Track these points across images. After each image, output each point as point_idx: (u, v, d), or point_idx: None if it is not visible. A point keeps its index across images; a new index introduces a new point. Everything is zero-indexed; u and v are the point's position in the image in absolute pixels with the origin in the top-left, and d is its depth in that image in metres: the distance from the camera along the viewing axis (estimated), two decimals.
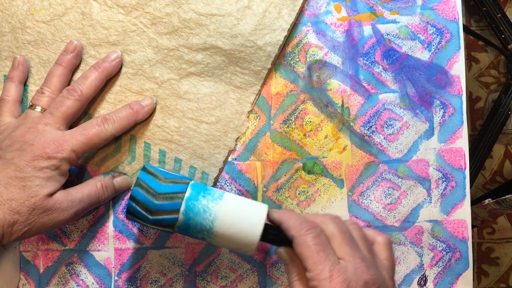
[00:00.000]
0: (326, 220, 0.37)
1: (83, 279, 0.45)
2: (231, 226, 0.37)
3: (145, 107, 0.44)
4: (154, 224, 0.38)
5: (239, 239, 0.37)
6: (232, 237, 0.38)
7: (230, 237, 0.38)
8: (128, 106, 0.43)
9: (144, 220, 0.38)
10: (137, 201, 0.38)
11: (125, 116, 0.43)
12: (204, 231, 0.38)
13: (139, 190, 0.38)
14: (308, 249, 0.35)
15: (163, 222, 0.38)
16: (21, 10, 0.45)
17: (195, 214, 0.38)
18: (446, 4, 0.46)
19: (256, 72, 0.45)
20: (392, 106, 0.46)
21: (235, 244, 0.38)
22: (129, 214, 0.39)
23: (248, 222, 0.38)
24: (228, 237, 0.38)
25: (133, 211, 0.38)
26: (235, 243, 0.38)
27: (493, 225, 1.12)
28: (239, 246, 0.38)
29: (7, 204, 0.37)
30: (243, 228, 0.37)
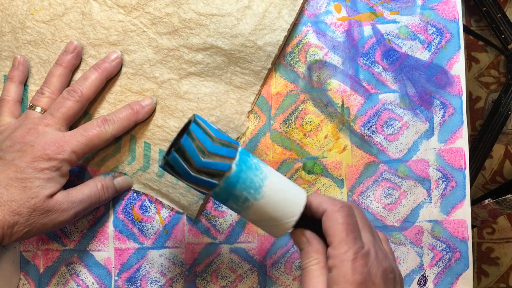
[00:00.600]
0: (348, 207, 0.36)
1: (83, 279, 0.45)
2: (279, 190, 0.35)
3: (145, 107, 0.44)
4: (201, 170, 0.34)
5: (284, 206, 0.35)
6: (278, 202, 0.35)
7: (276, 202, 0.35)
8: (128, 107, 0.43)
9: (192, 163, 0.34)
10: (194, 138, 0.34)
11: (125, 117, 0.43)
12: (252, 188, 0.35)
13: (197, 127, 0.35)
14: (338, 226, 0.34)
15: (214, 168, 0.34)
16: (21, 10, 0.45)
17: (248, 168, 0.35)
18: (446, 4, 0.46)
19: (256, 72, 0.45)
20: (392, 106, 0.46)
21: (278, 212, 0.35)
22: (178, 152, 0.34)
23: (294, 190, 0.36)
24: (273, 202, 0.35)
25: (187, 148, 0.34)
26: (278, 210, 0.35)
27: (493, 225, 1.12)
28: (281, 215, 0.36)
29: (7, 205, 0.37)
30: (289, 194, 0.36)
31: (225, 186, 0.35)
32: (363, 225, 0.36)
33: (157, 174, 0.45)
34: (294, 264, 0.45)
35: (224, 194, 0.35)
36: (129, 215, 0.45)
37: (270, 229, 0.37)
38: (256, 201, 0.35)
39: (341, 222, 0.34)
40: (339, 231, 0.34)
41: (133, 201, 0.45)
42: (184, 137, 0.34)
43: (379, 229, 0.45)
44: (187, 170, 0.34)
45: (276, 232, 0.37)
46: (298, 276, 0.45)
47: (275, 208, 0.35)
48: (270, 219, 0.36)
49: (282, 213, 0.35)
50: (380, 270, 0.34)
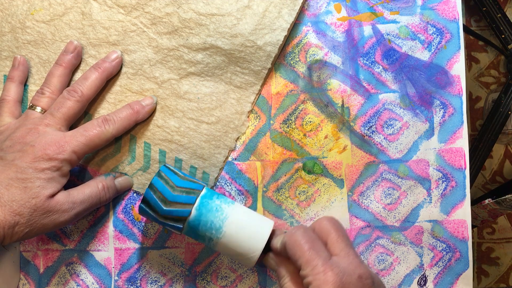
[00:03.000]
0: (321, 220, 0.38)
1: (83, 279, 0.45)
2: (240, 228, 0.39)
3: (146, 107, 0.44)
4: (166, 216, 0.39)
5: (246, 243, 0.38)
6: (239, 240, 0.38)
7: (237, 240, 0.38)
8: (128, 106, 0.43)
9: (157, 211, 0.39)
10: (155, 190, 0.39)
11: (126, 117, 0.43)
12: (213, 229, 0.39)
13: (158, 179, 0.40)
14: (299, 248, 0.36)
15: (175, 215, 0.39)
16: (21, 10, 0.45)
17: (208, 211, 0.39)
18: (446, 4, 0.46)
19: (256, 72, 0.45)
20: (392, 106, 0.46)
21: (240, 249, 0.39)
22: (144, 203, 0.39)
23: (257, 228, 0.39)
24: (235, 240, 0.38)
25: (149, 199, 0.39)
26: (240, 247, 0.39)
27: (493, 225, 1.12)
28: (244, 251, 0.39)
29: (8, 205, 0.37)
30: (251, 232, 0.39)
31: (188, 229, 0.39)
32: (338, 236, 0.37)
33: None
34: None
35: (191, 234, 0.40)
36: (129, 215, 0.45)
37: (241, 262, 0.40)
38: (219, 240, 0.39)
39: (298, 244, 0.36)
40: (300, 252, 0.35)
41: (133, 201, 0.45)
42: (146, 190, 0.39)
43: (379, 229, 0.45)
44: (155, 217, 0.40)
45: (247, 264, 0.40)
46: None
47: (239, 245, 0.39)
48: (236, 254, 0.39)
49: (246, 248, 0.39)
50: (354, 277, 0.35)
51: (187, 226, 0.39)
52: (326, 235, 0.37)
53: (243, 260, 0.39)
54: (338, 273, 0.34)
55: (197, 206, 0.39)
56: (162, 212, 0.39)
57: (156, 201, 0.39)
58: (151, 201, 0.39)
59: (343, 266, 0.35)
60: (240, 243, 0.39)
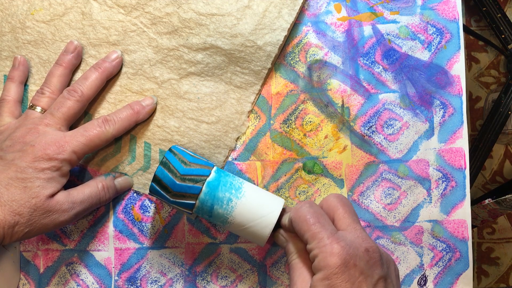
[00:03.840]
0: (328, 196, 0.38)
1: (83, 279, 0.45)
2: (252, 205, 0.39)
3: (146, 107, 0.44)
4: (177, 194, 0.39)
5: (257, 220, 0.39)
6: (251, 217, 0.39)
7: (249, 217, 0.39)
8: (128, 107, 0.43)
9: (169, 188, 0.39)
10: (175, 153, 0.40)
11: (126, 117, 0.43)
12: (224, 206, 0.39)
13: (171, 154, 0.40)
14: (304, 222, 0.36)
15: (187, 191, 0.39)
16: (21, 10, 0.45)
17: (220, 187, 0.39)
18: (446, 4, 0.46)
19: (256, 72, 0.45)
20: (392, 106, 0.46)
21: (252, 226, 0.39)
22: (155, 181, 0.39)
23: (268, 205, 0.39)
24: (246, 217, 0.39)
25: (161, 176, 0.39)
26: (252, 224, 0.39)
27: (493, 225, 1.12)
28: (255, 228, 0.39)
29: (8, 205, 0.37)
30: (263, 209, 0.39)
31: (200, 206, 0.39)
32: (345, 211, 0.37)
33: None
34: None
35: (203, 212, 0.39)
36: (129, 215, 0.45)
37: (252, 239, 0.40)
38: (231, 217, 0.39)
39: (304, 219, 0.36)
40: (306, 226, 0.36)
41: (133, 201, 0.45)
42: (158, 167, 0.39)
43: (379, 229, 0.45)
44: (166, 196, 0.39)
45: (258, 241, 0.40)
46: None
47: (250, 222, 0.39)
48: (248, 232, 0.39)
49: (257, 226, 0.39)
50: (361, 250, 0.35)
51: (199, 203, 0.39)
52: (333, 211, 0.37)
53: (255, 237, 0.39)
54: (344, 246, 0.34)
55: (210, 181, 0.39)
56: (174, 189, 0.39)
57: (168, 177, 0.39)
58: (163, 178, 0.39)
59: (349, 239, 0.35)
60: (252, 221, 0.39)
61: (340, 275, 0.33)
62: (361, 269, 0.34)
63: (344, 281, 0.33)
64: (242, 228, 0.39)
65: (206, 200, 0.39)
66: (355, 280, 0.34)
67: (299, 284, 0.36)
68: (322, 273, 0.34)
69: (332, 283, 0.33)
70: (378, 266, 0.35)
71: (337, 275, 0.33)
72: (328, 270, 0.33)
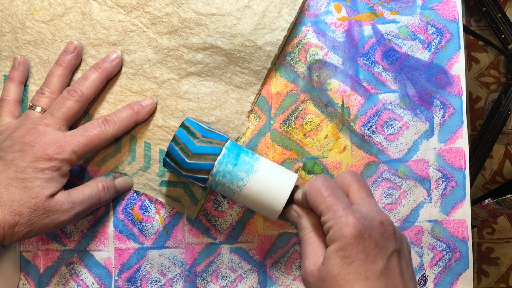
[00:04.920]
0: (343, 173, 0.39)
1: (83, 279, 0.45)
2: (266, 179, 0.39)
3: (146, 108, 0.44)
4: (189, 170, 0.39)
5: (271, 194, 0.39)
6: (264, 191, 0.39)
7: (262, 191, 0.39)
8: (128, 107, 0.43)
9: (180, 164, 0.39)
10: (188, 127, 0.40)
11: (126, 117, 0.43)
12: (238, 179, 0.39)
13: (182, 130, 0.40)
14: (319, 195, 0.36)
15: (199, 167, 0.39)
16: (21, 10, 0.45)
17: (233, 161, 0.39)
18: (446, 4, 0.46)
19: (256, 72, 0.45)
20: (392, 106, 0.46)
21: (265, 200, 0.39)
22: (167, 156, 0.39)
23: (282, 179, 0.39)
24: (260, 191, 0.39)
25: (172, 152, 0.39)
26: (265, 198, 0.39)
27: (493, 225, 1.12)
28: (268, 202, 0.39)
29: (8, 205, 0.37)
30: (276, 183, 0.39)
31: (213, 180, 0.39)
32: (359, 186, 0.37)
33: (158, 174, 0.45)
34: (294, 264, 0.45)
35: (215, 185, 0.39)
36: (129, 215, 0.45)
37: (264, 213, 0.40)
38: (243, 190, 0.39)
39: (318, 191, 0.36)
40: (320, 198, 0.36)
41: (133, 201, 0.45)
42: (170, 144, 0.39)
43: None
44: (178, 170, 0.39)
45: (270, 216, 0.40)
46: (298, 276, 0.45)
47: (263, 196, 0.39)
48: (260, 206, 0.39)
49: (271, 199, 0.39)
50: (376, 223, 0.35)
51: (211, 178, 0.39)
52: (347, 186, 0.37)
53: (267, 212, 0.40)
54: (359, 218, 0.34)
55: (222, 157, 0.39)
56: (185, 166, 0.39)
57: (180, 156, 0.39)
58: (175, 156, 0.39)
59: (364, 212, 0.35)
60: (264, 195, 0.39)
61: (355, 246, 0.33)
62: (376, 241, 0.34)
63: (359, 252, 0.33)
64: (255, 203, 0.39)
65: (218, 176, 0.39)
66: (370, 251, 0.34)
67: (312, 258, 0.36)
68: (337, 244, 0.34)
69: (347, 254, 0.33)
70: (392, 239, 0.35)
71: (352, 246, 0.33)
72: (343, 241, 0.33)
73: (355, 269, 0.33)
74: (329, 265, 0.34)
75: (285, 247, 0.45)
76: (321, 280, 0.35)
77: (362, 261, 0.33)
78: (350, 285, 0.33)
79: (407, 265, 0.36)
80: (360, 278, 0.33)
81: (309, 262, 0.36)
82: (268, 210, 0.39)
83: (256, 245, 0.45)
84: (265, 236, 0.45)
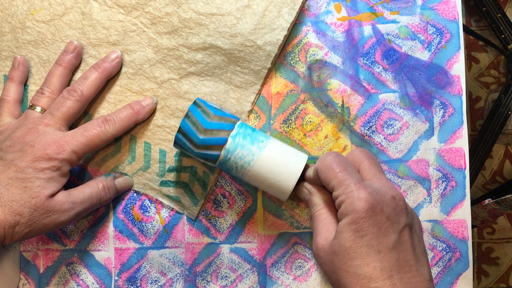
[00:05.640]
0: (353, 150, 0.39)
1: (83, 279, 0.45)
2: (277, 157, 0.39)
3: (146, 107, 0.44)
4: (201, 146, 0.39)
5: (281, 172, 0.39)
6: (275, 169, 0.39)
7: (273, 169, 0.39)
8: (128, 107, 0.43)
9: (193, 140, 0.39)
10: (199, 105, 0.40)
11: (126, 117, 0.43)
12: (249, 157, 0.39)
13: (202, 99, 0.40)
14: (331, 170, 0.36)
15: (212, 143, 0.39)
16: (21, 10, 0.45)
17: (244, 139, 0.39)
18: (446, 4, 0.46)
19: (256, 72, 0.45)
20: (392, 106, 0.46)
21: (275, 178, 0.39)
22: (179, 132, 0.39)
23: (293, 157, 0.39)
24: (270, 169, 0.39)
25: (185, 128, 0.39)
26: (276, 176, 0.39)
27: (493, 225, 1.12)
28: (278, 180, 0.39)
29: (8, 205, 0.37)
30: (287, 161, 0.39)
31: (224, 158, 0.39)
32: (370, 163, 0.38)
33: (158, 174, 0.45)
34: (294, 264, 0.45)
35: (226, 164, 0.39)
36: (129, 215, 0.45)
37: (274, 193, 0.40)
38: (253, 169, 0.39)
39: (330, 167, 0.36)
40: (332, 174, 0.36)
41: (133, 201, 0.45)
42: (182, 120, 0.39)
43: None
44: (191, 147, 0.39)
45: (281, 195, 0.40)
46: (298, 276, 0.45)
47: (274, 174, 0.39)
48: (271, 184, 0.39)
49: (281, 177, 0.39)
50: (388, 197, 0.35)
51: (222, 157, 0.39)
52: (358, 163, 0.38)
53: (278, 191, 0.40)
54: (371, 192, 0.34)
55: (233, 135, 0.39)
56: (197, 142, 0.39)
57: (192, 131, 0.39)
58: (187, 131, 0.39)
59: (376, 187, 0.35)
60: (275, 174, 0.39)
61: (367, 219, 0.34)
62: (388, 215, 0.34)
63: (371, 225, 0.34)
64: (265, 182, 0.39)
65: (228, 154, 0.39)
66: (382, 225, 0.34)
67: (324, 233, 0.37)
68: (349, 218, 0.34)
69: (359, 227, 0.34)
70: (404, 214, 0.35)
71: (364, 219, 0.34)
72: (356, 214, 0.34)
73: (367, 242, 0.34)
74: (341, 238, 0.34)
75: (285, 247, 0.45)
76: (333, 254, 0.35)
77: (374, 234, 0.34)
78: (362, 258, 0.33)
79: (418, 240, 0.36)
80: (372, 251, 0.34)
81: (321, 237, 0.37)
82: (280, 188, 0.39)
83: (256, 245, 0.45)
84: (265, 236, 0.45)
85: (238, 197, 0.45)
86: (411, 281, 0.34)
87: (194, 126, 0.39)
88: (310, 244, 0.45)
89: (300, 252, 0.45)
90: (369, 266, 0.34)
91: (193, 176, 0.45)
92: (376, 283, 0.33)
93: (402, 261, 0.34)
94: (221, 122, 0.39)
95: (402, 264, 0.34)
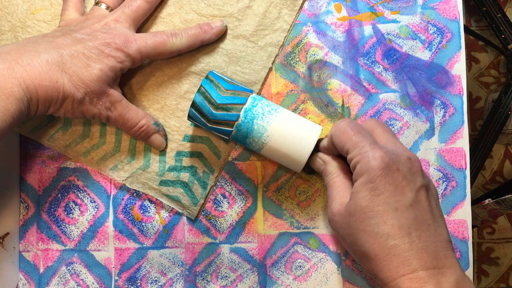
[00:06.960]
0: (367, 119, 0.39)
1: (83, 279, 0.45)
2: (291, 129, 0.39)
3: (214, 28, 0.43)
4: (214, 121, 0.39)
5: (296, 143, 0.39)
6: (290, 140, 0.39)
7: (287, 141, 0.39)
8: (197, 26, 0.43)
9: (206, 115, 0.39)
10: (212, 80, 0.39)
11: (193, 34, 0.42)
12: (263, 130, 0.39)
13: (215, 73, 0.40)
14: (345, 134, 0.36)
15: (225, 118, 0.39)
16: (21, 9, 0.45)
17: (258, 111, 0.39)
18: (446, 3, 0.46)
19: (256, 72, 0.45)
20: (393, 106, 0.46)
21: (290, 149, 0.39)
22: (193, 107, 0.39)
23: (307, 128, 0.40)
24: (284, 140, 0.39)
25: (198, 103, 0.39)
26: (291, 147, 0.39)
27: (493, 225, 1.12)
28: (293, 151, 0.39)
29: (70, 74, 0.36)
30: (301, 132, 0.39)
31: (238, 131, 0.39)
32: (383, 129, 0.38)
33: (157, 173, 0.45)
34: (294, 264, 0.45)
35: (240, 137, 0.40)
36: (129, 215, 0.45)
37: (289, 164, 0.40)
38: (268, 141, 0.39)
39: (344, 131, 0.36)
40: (346, 137, 0.36)
41: (133, 201, 0.45)
42: (196, 94, 0.39)
43: None
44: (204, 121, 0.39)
45: (296, 166, 0.40)
46: (298, 276, 0.45)
47: (289, 145, 0.39)
48: (285, 155, 0.39)
49: (296, 148, 0.39)
50: (403, 158, 0.35)
51: (236, 130, 0.39)
52: (372, 130, 0.38)
53: (292, 161, 0.40)
54: (386, 152, 0.34)
55: (247, 109, 0.39)
56: (211, 117, 0.39)
57: (205, 106, 0.39)
58: (201, 106, 0.39)
59: (391, 148, 0.35)
60: (289, 145, 0.39)
61: (384, 177, 0.33)
62: (404, 174, 0.34)
63: (387, 183, 0.33)
64: (279, 153, 0.40)
65: (242, 128, 0.39)
66: (399, 184, 0.33)
67: (338, 198, 0.36)
68: (364, 177, 0.34)
69: (375, 186, 0.33)
70: (420, 175, 0.35)
71: (380, 178, 0.33)
72: (371, 173, 0.33)
73: (384, 200, 0.33)
74: (358, 198, 0.34)
75: (285, 247, 0.45)
76: (349, 215, 0.35)
77: (391, 192, 0.33)
78: (379, 217, 0.33)
79: (435, 202, 0.36)
80: (390, 209, 0.33)
81: (336, 202, 0.36)
82: (295, 158, 0.39)
83: (256, 245, 0.45)
84: (265, 236, 0.45)
85: (238, 197, 0.45)
86: (430, 239, 0.33)
87: (207, 101, 0.39)
88: (310, 244, 0.45)
89: (300, 252, 0.45)
90: (387, 224, 0.33)
91: (193, 175, 0.45)
92: (394, 241, 0.32)
93: (420, 220, 0.33)
94: (234, 96, 0.39)
95: (420, 222, 0.33)
